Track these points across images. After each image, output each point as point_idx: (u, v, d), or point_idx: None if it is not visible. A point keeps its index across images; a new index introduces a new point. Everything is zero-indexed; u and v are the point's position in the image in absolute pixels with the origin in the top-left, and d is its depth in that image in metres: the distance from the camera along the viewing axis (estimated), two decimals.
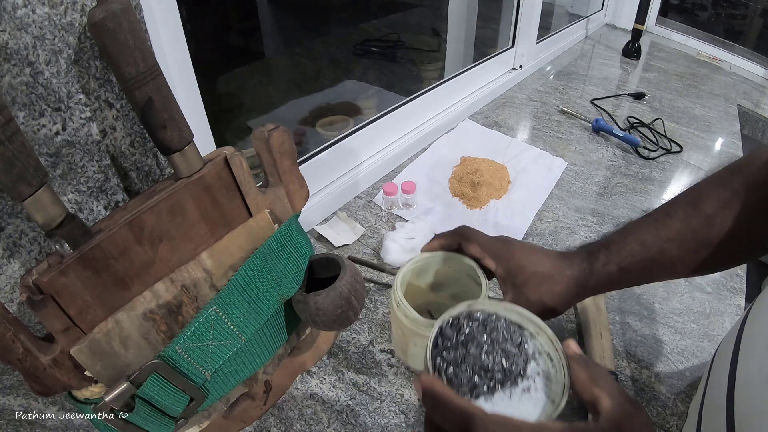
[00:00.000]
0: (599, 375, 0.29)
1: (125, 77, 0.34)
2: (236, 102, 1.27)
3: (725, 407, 0.34)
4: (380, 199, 0.82)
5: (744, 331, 0.37)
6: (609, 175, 0.94)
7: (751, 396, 0.32)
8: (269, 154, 0.44)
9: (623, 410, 0.27)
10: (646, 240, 0.41)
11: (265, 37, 1.48)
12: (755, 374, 0.32)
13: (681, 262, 0.41)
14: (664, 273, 0.43)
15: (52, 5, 0.37)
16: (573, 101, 1.22)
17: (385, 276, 0.68)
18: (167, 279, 0.38)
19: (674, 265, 0.41)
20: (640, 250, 0.41)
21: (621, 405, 0.28)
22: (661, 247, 0.40)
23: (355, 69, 1.54)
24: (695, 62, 1.64)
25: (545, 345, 0.32)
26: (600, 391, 0.28)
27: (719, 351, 0.42)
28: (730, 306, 0.66)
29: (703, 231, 0.40)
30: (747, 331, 0.36)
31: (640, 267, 0.41)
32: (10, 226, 0.40)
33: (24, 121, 0.38)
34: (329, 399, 0.53)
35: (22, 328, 0.33)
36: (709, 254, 0.40)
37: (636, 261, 0.41)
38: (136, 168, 0.48)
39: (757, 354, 0.33)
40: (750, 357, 0.34)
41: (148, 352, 0.38)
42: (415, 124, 0.99)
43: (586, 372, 0.29)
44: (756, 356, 0.33)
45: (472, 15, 1.34)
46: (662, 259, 0.41)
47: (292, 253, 0.45)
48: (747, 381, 0.33)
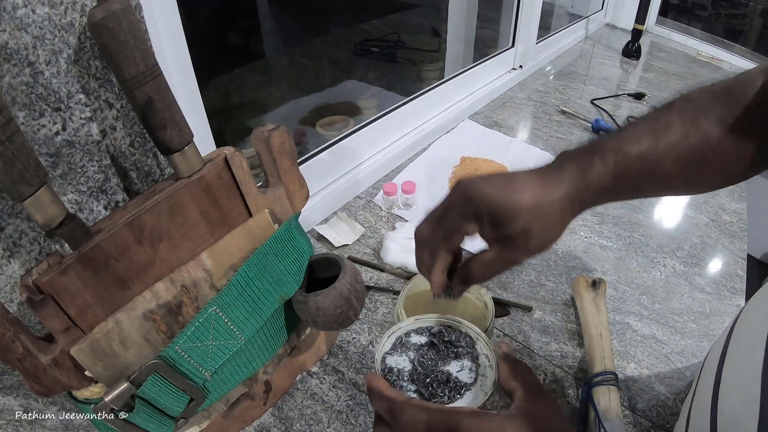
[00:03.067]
0: (519, 371, 0.34)
1: (125, 77, 0.34)
2: (236, 102, 1.27)
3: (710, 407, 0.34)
4: (380, 199, 0.82)
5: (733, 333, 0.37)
6: None
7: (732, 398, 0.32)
8: (269, 154, 0.44)
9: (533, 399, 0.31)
10: (643, 151, 0.37)
11: (265, 37, 1.48)
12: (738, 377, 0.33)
13: (676, 178, 0.39)
14: (658, 188, 0.41)
15: (52, 5, 0.37)
16: (573, 101, 1.22)
17: (385, 276, 0.68)
18: (167, 279, 0.38)
19: (668, 181, 0.39)
20: (637, 162, 0.37)
21: (532, 394, 0.32)
22: (659, 160, 0.37)
23: (355, 69, 1.54)
24: (695, 62, 1.64)
25: (483, 348, 0.37)
26: (516, 384, 0.33)
27: (711, 351, 0.42)
28: (730, 306, 0.66)
29: (700, 148, 0.38)
30: (735, 333, 0.37)
31: (636, 180, 0.38)
32: (10, 226, 0.40)
33: (24, 121, 0.38)
34: (329, 399, 0.53)
35: (22, 328, 0.33)
36: (703, 172, 0.39)
37: (632, 174, 0.37)
38: (136, 168, 0.48)
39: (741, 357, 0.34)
40: (735, 359, 0.35)
41: (148, 352, 0.38)
42: (415, 124, 0.99)
43: (509, 368, 0.34)
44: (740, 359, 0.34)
45: (472, 15, 1.34)
46: (658, 173, 0.38)
47: (292, 253, 0.45)
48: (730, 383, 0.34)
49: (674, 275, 0.71)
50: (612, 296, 0.66)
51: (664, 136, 0.38)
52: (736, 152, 0.38)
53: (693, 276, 0.71)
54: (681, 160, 0.38)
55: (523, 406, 0.31)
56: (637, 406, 0.53)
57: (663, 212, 0.85)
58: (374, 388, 0.33)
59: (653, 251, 0.75)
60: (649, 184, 0.39)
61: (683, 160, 0.38)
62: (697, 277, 0.71)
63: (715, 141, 0.38)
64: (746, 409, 0.29)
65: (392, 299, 0.64)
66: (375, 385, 0.33)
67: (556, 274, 0.69)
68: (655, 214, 0.84)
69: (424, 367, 0.36)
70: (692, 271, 0.72)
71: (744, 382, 0.31)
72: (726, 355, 0.36)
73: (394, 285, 0.66)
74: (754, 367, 0.30)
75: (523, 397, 0.32)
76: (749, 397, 0.30)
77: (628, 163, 0.37)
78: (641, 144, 0.37)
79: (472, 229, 0.37)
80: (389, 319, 0.61)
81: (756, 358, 0.30)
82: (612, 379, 0.51)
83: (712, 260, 0.75)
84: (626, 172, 0.37)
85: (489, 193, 0.36)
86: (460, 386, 0.34)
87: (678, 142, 0.37)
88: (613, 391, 0.50)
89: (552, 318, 0.63)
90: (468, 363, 0.36)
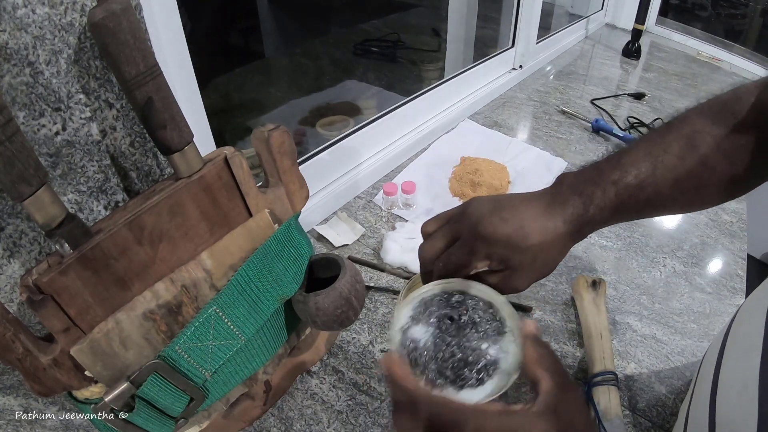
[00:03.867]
0: (545, 357, 0.32)
1: (125, 77, 0.34)
2: (236, 102, 1.27)
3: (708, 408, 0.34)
4: (380, 199, 0.82)
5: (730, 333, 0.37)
6: None
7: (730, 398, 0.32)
8: (269, 154, 0.44)
9: (560, 392, 0.29)
10: (641, 179, 0.38)
11: (265, 37, 1.48)
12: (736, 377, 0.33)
13: (673, 202, 0.40)
14: (656, 212, 0.42)
15: (52, 5, 0.37)
16: (573, 101, 1.22)
17: (385, 276, 0.68)
18: (167, 279, 0.38)
19: (665, 205, 0.40)
20: (636, 190, 0.38)
21: (558, 387, 0.30)
22: (657, 187, 0.38)
23: (355, 69, 1.54)
24: (695, 62, 1.64)
25: (508, 320, 0.35)
26: (543, 372, 0.30)
27: (708, 351, 0.42)
28: (730, 306, 0.66)
29: (697, 172, 0.38)
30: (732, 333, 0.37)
31: (635, 207, 0.39)
32: (10, 226, 0.40)
33: (24, 121, 0.38)
34: (329, 399, 0.53)
35: (22, 328, 0.33)
36: (699, 195, 0.40)
37: (631, 203, 0.38)
38: (136, 168, 0.48)
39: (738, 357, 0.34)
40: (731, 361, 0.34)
41: (148, 352, 0.38)
42: (415, 124, 0.99)
43: (536, 353, 0.32)
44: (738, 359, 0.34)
45: (472, 15, 1.34)
46: (656, 200, 0.39)
47: (292, 253, 0.45)
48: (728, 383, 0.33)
49: (674, 275, 0.71)
50: (612, 296, 0.66)
51: (662, 161, 0.39)
52: (732, 173, 0.39)
53: (693, 276, 0.71)
54: (678, 185, 0.39)
55: (550, 400, 0.29)
56: (637, 406, 0.53)
57: None
58: (393, 376, 0.31)
59: (653, 251, 0.75)
60: (646, 210, 0.40)
61: (681, 184, 0.39)
62: (697, 277, 0.71)
63: (712, 163, 0.38)
64: (744, 409, 0.29)
65: (392, 299, 0.64)
66: (394, 372, 0.31)
67: (556, 274, 0.69)
68: None
69: (446, 342, 0.33)
70: (692, 271, 0.72)
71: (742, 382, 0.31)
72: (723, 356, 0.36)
73: (394, 285, 0.66)
74: (751, 367, 0.30)
75: (550, 390, 0.30)
76: (747, 397, 0.30)
77: (627, 194, 0.38)
78: (640, 172, 0.38)
79: (483, 264, 0.38)
80: (389, 318, 0.61)
81: (753, 359, 0.30)
82: (612, 379, 0.51)
83: (712, 260, 0.75)
84: (626, 201, 0.38)
85: (502, 232, 0.37)
86: (489, 365, 0.32)
87: (675, 166, 0.38)
88: (613, 391, 0.50)
89: (552, 318, 0.63)
90: (492, 335, 0.34)
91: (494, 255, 0.37)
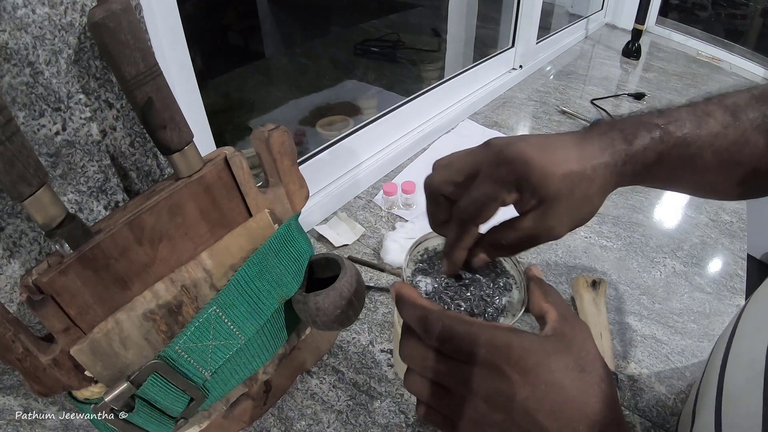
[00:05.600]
0: (550, 293, 0.32)
1: (125, 77, 0.34)
2: (236, 102, 1.27)
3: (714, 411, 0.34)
4: (380, 199, 0.82)
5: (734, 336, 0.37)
6: None
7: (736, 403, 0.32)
8: (269, 154, 0.44)
9: (566, 322, 0.29)
10: (686, 134, 0.34)
11: (265, 37, 1.48)
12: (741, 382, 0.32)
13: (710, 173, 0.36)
14: (689, 181, 0.38)
15: (52, 5, 0.37)
16: (573, 101, 1.22)
17: (385, 276, 0.68)
18: (167, 279, 0.38)
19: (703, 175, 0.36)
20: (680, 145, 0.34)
21: (565, 318, 0.30)
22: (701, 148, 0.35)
23: (355, 69, 1.54)
24: (695, 62, 1.64)
25: (511, 270, 0.37)
26: (548, 306, 0.31)
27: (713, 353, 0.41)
28: (730, 306, 0.66)
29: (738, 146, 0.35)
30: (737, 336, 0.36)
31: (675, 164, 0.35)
32: (10, 226, 0.40)
33: (24, 121, 0.38)
34: (329, 399, 0.53)
35: (22, 328, 0.33)
36: (736, 173, 0.37)
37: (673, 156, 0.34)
38: (136, 168, 0.48)
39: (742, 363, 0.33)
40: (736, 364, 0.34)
41: (148, 352, 0.38)
42: (415, 124, 0.99)
43: (540, 290, 0.32)
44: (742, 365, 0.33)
45: (472, 15, 1.34)
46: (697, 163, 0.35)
47: (292, 253, 0.45)
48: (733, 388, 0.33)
49: (674, 275, 0.71)
50: (612, 296, 0.66)
51: (706, 124, 0.35)
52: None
53: (693, 276, 0.71)
54: (719, 155, 0.35)
55: (558, 327, 0.29)
56: (637, 406, 0.53)
57: (663, 212, 0.85)
58: (404, 296, 0.30)
59: (653, 251, 0.75)
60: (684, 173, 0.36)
61: (721, 155, 0.35)
62: (697, 277, 0.71)
63: (753, 142, 0.36)
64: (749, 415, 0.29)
65: (392, 299, 0.64)
66: (405, 293, 0.31)
67: (556, 274, 0.69)
68: (655, 214, 0.84)
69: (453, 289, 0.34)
70: (692, 271, 0.72)
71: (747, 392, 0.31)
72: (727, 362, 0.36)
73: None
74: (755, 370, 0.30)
75: (558, 319, 0.30)
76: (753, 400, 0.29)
77: (671, 143, 0.34)
78: (684, 127, 0.34)
79: (512, 198, 0.32)
80: (389, 319, 0.61)
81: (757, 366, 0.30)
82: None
83: (712, 260, 0.75)
84: (670, 152, 0.34)
85: (531, 154, 0.31)
86: (498, 307, 0.33)
87: (719, 133, 0.35)
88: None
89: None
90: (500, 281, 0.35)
91: (525, 185, 0.31)
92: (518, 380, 0.26)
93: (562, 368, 0.26)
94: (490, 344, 0.27)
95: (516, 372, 0.26)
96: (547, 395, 0.26)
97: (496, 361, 0.26)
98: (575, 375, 0.26)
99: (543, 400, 0.26)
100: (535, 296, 0.32)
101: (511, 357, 0.26)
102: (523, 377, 0.26)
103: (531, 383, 0.26)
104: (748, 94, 0.37)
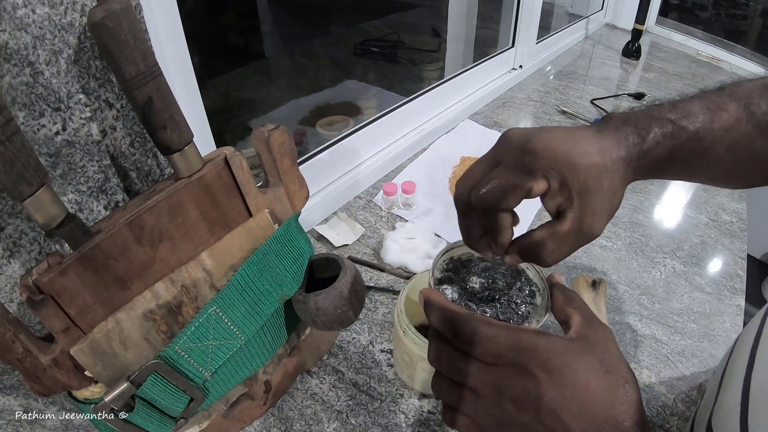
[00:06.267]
0: (573, 299, 0.33)
1: (125, 77, 0.34)
2: (236, 102, 1.27)
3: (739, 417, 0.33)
4: (380, 199, 0.82)
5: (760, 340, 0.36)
6: None
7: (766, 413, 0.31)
8: (269, 154, 0.44)
9: (590, 326, 0.30)
10: (699, 128, 0.34)
11: (265, 37, 1.48)
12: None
13: (724, 165, 0.36)
14: (702, 173, 0.38)
15: (52, 5, 0.37)
16: (573, 101, 1.22)
17: (385, 276, 0.68)
18: (167, 279, 0.38)
19: (715, 167, 0.36)
20: (692, 139, 0.34)
21: (589, 322, 0.30)
22: (713, 142, 0.34)
23: (355, 69, 1.54)
24: (695, 62, 1.63)
25: (534, 278, 0.37)
26: (572, 310, 0.32)
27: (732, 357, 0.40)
28: (730, 306, 0.66)
29: (751, 138, 0.35)
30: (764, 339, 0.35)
31: (688, 158, 0.35)
32: (10, 226, 0.40)
33: (24, 121, 0.38)
34: (329, 399, 0.53)
35: (22, 328, 0.33)
36: (750, 164, 0.37)
37: (686, 150, 0.34)
38: (136, 168, 0.48)
39: None
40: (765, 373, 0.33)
41: (148, 352, 0.38)
42: (415, 124, 0.99)
43: (563, 296, 0.33)
44: None
45: (472, 15, 1.34)
46: (710, 156, 0.35)
47: (292, 253, 0.45)
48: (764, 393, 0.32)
49: (674, 275, 0.71)
50: (612, 296, 0.66)
51: (719, 118, 0.35)
52: None
53: (693, 276, 0.71)
54: (732, 149, 0.35)
55: (582, 331, 0.30)
56: None
57: (663, 212, 0.85)
58: (433, 301, 0.31)
59: (653, 251, 0.75)
60: (697, 166, 0.36)
61: (735, 148, 0.35)
62: (697, 277, 0.71)
63: (766, 134, 0.35)
64: None
65: (392, 299, 0.64)
66: (434, 298, 0.31)
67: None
68: (655, 214, 0.84)
69: (478, 296, 0.35)
70: (692, 271, 0.72)
71: None
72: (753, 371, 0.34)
73: (394, 285, 0.66)
74: None
75: (581, 323, 0.30)
76: None
77: (684, 138, 0.34)
78: (697, 120, 0.34)
79: (539, 187, 0.30)
80: (389, 319, 0.61)
81: None
82: None
83: (712, 260, 0.75)
84: (682, 146, 0.34)
85: (557, 144, 0.30)
86: (523, 314, 0.34)
87: (732, 126, 0.35)
88: None
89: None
90: (525, 288, 0.36)
91: (552, 173, 0.30)
92: (545, 381, 0.26)
93: (588, 369, 0.27)
94: (517, 346, 0.27)
95: (543, 372, 0.26)
96: (574, 396, 0.26)
97: (523, 362, 0.27)
98: (600, 376, 0.27)
99: (569, 401, 0.26)
100: (559, 302, 0.33)
101: (538, 358, 0.27)
102: (550, 378, 0.26)
103: (558, 383, 0.26)
104: (761, 83, 0.37)
